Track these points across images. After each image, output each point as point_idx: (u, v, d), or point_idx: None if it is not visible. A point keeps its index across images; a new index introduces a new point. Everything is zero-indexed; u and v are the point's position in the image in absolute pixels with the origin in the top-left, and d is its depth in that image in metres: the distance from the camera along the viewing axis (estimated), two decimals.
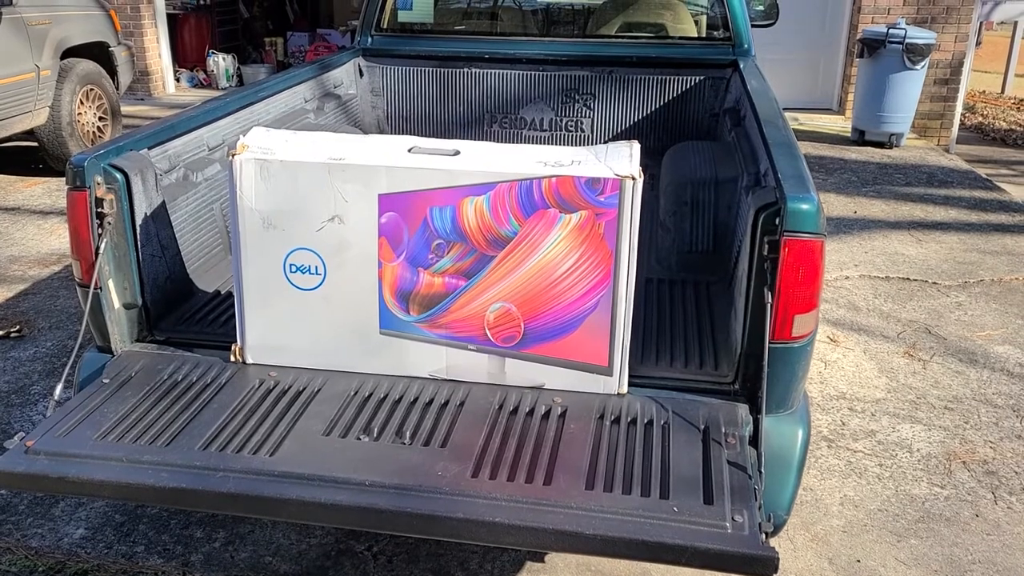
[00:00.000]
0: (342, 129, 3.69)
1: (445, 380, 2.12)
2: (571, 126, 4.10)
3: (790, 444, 2.01)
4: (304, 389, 2.09)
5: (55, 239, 5.02)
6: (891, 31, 7.02)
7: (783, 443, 2.00)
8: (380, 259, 2.08)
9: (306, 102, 3.57)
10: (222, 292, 2.54)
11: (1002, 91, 11.07)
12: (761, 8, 4.48)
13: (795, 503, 2.04)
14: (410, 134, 4.15)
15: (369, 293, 2.11)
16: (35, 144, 6.11)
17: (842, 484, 2.89)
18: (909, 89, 7.22)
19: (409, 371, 2.14)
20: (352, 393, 2.08)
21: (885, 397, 3.45)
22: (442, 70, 4.10)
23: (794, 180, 1.97)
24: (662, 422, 1.97)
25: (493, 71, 4.06)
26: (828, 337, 3.92)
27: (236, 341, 2.20)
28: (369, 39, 4.19)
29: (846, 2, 8.17)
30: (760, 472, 1.85)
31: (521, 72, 4.04)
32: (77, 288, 2.25)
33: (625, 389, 2.07)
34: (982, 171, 6.93)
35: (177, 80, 9.79)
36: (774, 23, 4.51)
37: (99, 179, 2.16)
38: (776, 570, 1.57)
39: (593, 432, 1.94)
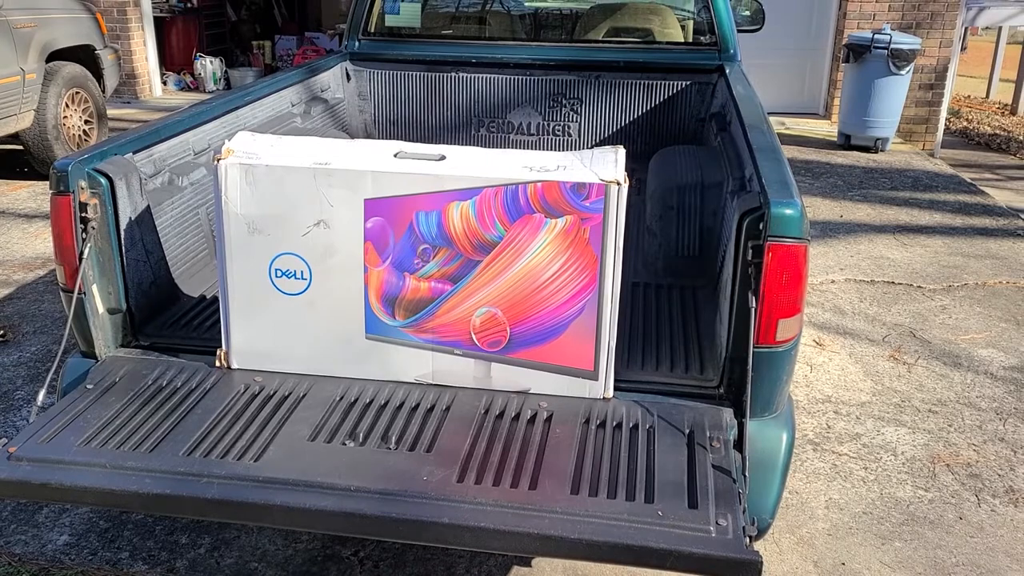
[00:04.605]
0: (329, 133, 3.69)
1: (431, 385, 2.12)
2: (558, 130, 4.11)
3: (775, 448, 2.02)
4: (289, 394, 2.09)
5: (40, 243, 4.99)
6: (876, 36, 7.07)
7: (768, 447, 2.01)
8: (366, 264, 2.08)
9: (293, 106, 3.56)
10: (207, 297, 2.53)
11: (987, 96, 11.16)
12: (747, 13, 4.51)
13: (780, 506, 2.05)
14: (397, 138, 4.14)
15: (355, 298, 2.11)
16: (20, 148, 6.07)
17: (827, 487, 2.91)
18: (894, 94, 7.28)
19: (395, 376, 2.14)
20: (338, 398, 2.07)
21: (870, 400, 3.47)
22: (429, 74, 4.10)
23: (778, 185, 1.98)
24: (647, 426, 1.97)
25: (480, 75, 4.06)
26: (814, 341, 3.94)
27: (221, 346, 2.19)
28: (356, 43, 4.19)
29: (832, 7, 8.23)
30: (744, 476, 1.86)
31: (508, 76, 4.05)
32: (61, 293, 2.23)
33: (611, 393, 2.08)
34: (966, 175, 6.99)
35: (164, 83, 9.75)
36: (760, 28, 4.53)
37: (83, 183, 2.15)
38: (760, 574, 1.58)
39: (578, 436, 1.94)
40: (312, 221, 2.06)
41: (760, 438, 2.00)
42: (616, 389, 2.09)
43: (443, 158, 2.07)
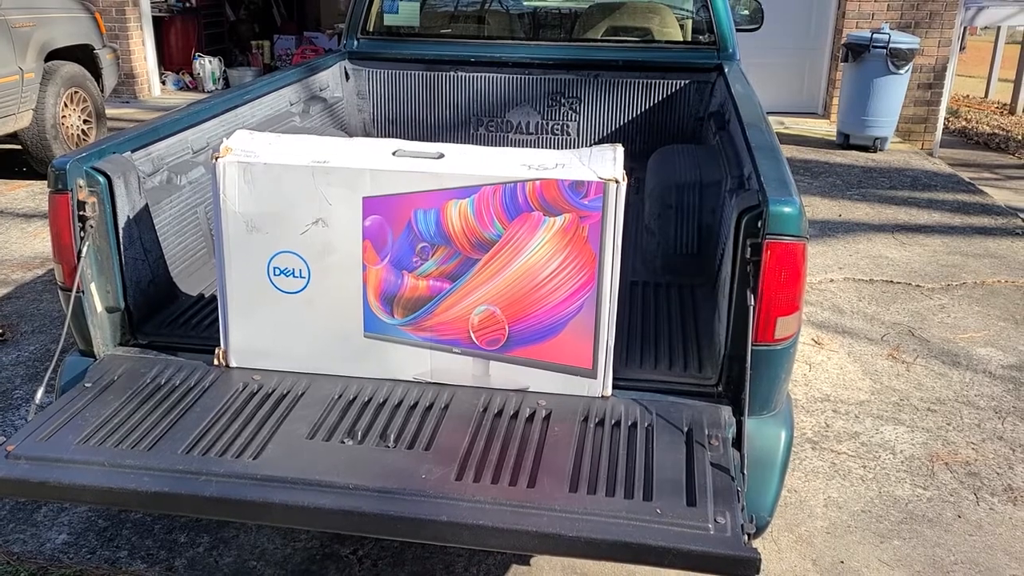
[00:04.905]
0: (328, 132, 3.68)
1: (429, 383, 2.12)
2: (557, 130, 4.11)
3: (773, 446, 2.02)
4: (288, 393, 2.09)
5: (39, 242, 4.99)
6: (875, 36, 7.07)
7: (766, 445, 2.01)
8: (364, 262, 2.08)
9: (291, 105, 3.56)
10: (206, 295, 2.53)
11: (986, 95, 11.16)
12: (746, 13, 4.51)
13: (779, 505, 2.05)
14: (396, 137, 4.14)
15: (353, 296, 2.11)
16: (19, 147, 6.07)
17: (826, 486, 2.91)
18: (893, 93, 7.28)
19: (393, 374, 2.14)
20: (336, 396, 2.07)
21: (869, 399, 3.47)
22: (428, 73, 4.10)
23: (776, 183, 1.98)
24: (646, 424, 1.97)
25: (479, 74, 4.06)
26: (812, 339, 3.94)
27: (220, 345, 2.19)
28: (355, 42, 4.19)
29: (831, 7, 8.23)
30: (743, 474, 1.86)
31: (507, 76, 4.05)
32: (59, 292, 2.23)
33: (609, 391, 2.08)
34: (965, 175, 6.99)
35: (163, 83, 9.75)
36: (759, 28, 4.53)
37: (81, 182, 2.15)
38: (758, 571, 1.58)
39: (577, 434, 1.94)
40: (310, 219, 2.06)
41: (759, 436, 2.00)
42: (615, 387, 2.09)
43: (441, 156, 2.07)
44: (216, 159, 2.06)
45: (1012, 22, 8.88)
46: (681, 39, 4.47)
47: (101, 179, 2.18)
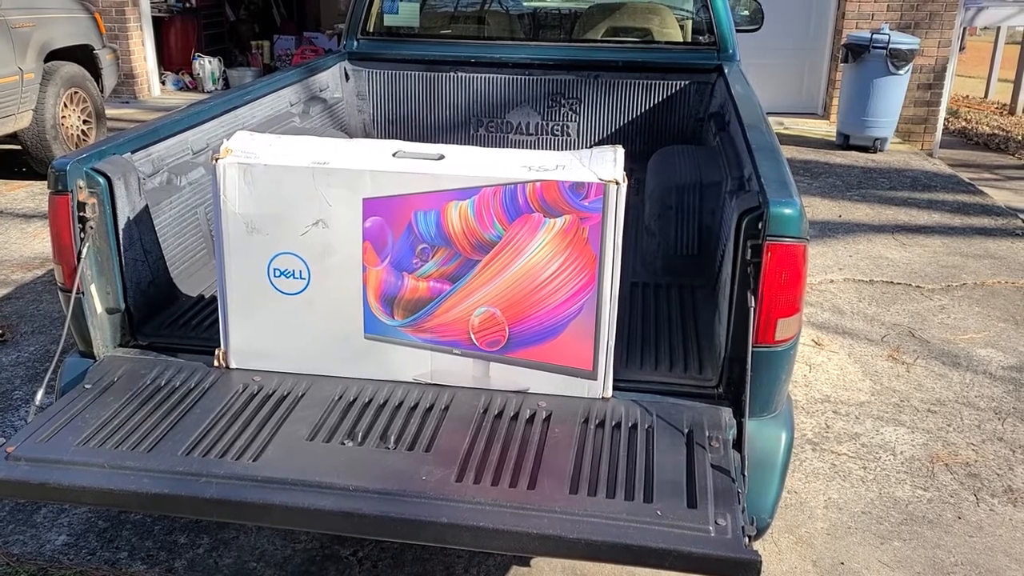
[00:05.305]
0: (328, 133, 3.68)
1: (430, 384, 2.12)
2: (557, 130, 4.11)
3: (773, 447, 2.02)
4: (288, 394, 2.09)
5: (38, 243, 4.99)
6: (875, 36, 7.07)
7: (766, 446, 2.01)
8: (364, 263, 2.08)
9: (291, 106, 3.56)
10: (206, 297, 2.53)
11: (985, 96, 11.16)
12: (746, 13, 4.51)
13: (779, 506, 2.05)
14: (396, 138, 4.14)
15: (353, 298, 2.11)
16: (18, 148, 6.07)
17: (826, 487, 2.91)
18: (893, 94, 7.28)
19: (394, 375, 2.14)
20: (336, 398, 2.07)
21: (869, 400, 3.47)
22: (428, 74, 4.10)
23: (777, 185, 1.98)
24: (646, 426, 1.97)
25: (479, 75, 4.06)
26: (813, 340, 3.94)
27: (220, 346, 2.19)
28: (355, 43, 4.19)
29: (831, 7, 8.23)
30: (743, 475, 1.86)
31: (507, 76, 4.05)
32: (59, 293, 2.23)
33: (610, 393, 2.08)
34: (965, 175, 6.99)
35: (162, 83, 9.74)
36: (759, 28, 4.53)
37: (81, 183, 2.15)
38: (759, 573, 1.58)
39: (577, 436, 1.94)
40: (311, 220, 2.06)
41: (759, 438, 2.00)
42: (615, 389, 2.09)
43: (442, 157, 2.07)
44: (216, 160, 2.05)
45: (1012, 22, 8.89)
46: (681, 40, 4.47)
47: (101, 180, 2.18)
